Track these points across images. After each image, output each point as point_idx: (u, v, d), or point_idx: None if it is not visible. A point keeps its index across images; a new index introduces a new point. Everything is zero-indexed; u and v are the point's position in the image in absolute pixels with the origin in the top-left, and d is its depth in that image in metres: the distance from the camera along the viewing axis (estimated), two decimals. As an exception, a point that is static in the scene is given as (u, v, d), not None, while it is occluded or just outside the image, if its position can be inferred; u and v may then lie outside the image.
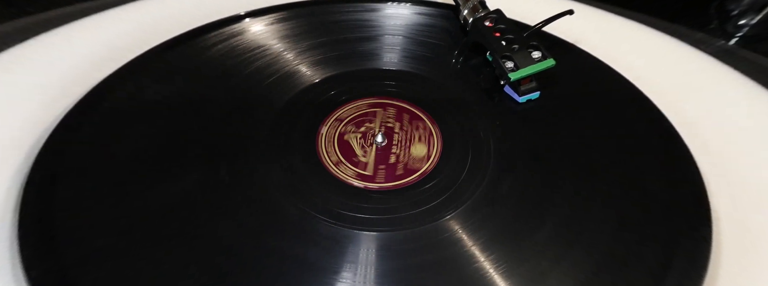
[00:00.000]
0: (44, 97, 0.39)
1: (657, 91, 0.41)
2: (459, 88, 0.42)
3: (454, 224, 0.33)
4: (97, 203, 0.32)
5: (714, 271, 0.32)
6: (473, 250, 0.31)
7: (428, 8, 0.47)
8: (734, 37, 0.51)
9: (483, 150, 0.37)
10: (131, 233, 0.31)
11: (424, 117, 0.39)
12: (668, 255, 0.31)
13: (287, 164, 0.36)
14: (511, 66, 0.39)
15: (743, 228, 0.35)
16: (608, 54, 0.44)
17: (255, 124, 0.38)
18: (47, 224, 0.31)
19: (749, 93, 0.43)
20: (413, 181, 0.35)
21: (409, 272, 0.31)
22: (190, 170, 0.35)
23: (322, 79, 0.41)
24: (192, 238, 0.31)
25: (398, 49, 0.44)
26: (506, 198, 0.34)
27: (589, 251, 0.32)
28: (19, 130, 0.37)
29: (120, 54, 0.41)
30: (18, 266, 0.29)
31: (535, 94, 0.40)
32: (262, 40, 0.44)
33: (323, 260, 0.31)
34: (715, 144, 0.39)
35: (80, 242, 0.31)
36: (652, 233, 0.33)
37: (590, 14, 0.50)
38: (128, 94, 0.39)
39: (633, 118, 0.40)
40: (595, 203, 0.34)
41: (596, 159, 0.37)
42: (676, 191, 0.35)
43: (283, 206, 0.33)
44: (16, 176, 0.35)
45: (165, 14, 0.47)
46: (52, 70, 0.41)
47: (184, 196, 0.33)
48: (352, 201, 0.34)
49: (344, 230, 0.32)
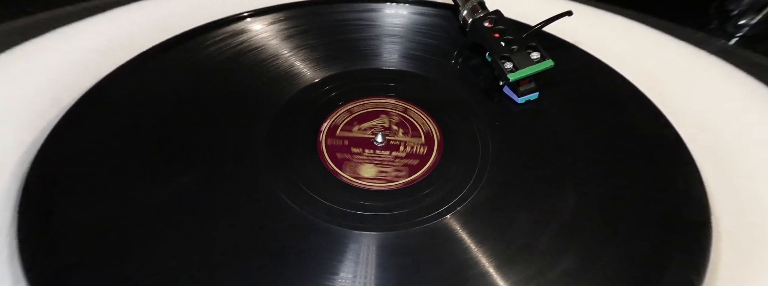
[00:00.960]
0: (44, 96, 0.39)
1: (657, 91, 0.41)
2: (459, 89, 0.42)
3: (454, 224, 0.33)
4: (96, 202, 0.33)
5: (714, 271, 0.32)
6: (472, 250, 0.31)
7: (428, 8, 0.47)
8: (734, 37, 0.51)
9: (483, 150, 0.37)
10: (131, 233, 0.31)
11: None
12: (668, 255, 0.31)
13: (287, 164, 0.36)
14: (510, 67, 0.39)
15: (743, 228, 0.35)
16: (608, 54, 0.44)
17: (255, 124, 0.38)
18: (47, 224, 0.31)
19: (750, 92, 0.43)
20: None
21: (408, 271, 0.31)
22: (190, 169, 0.35)
23: (322, 79, 0.41)
24: (192, 237, 0.31)
25: (398, 49, 0.44)
26: (505, 198, 0.34)
27: (588, 251, 0.32)
28: (19, 129, 0.37)
29: (120, 54, 0.41)
30: (18, 266, 0.30)
31: (534, 95, 0.40)
32: (262, 39, 0.44)
33: (323, 260, 0.31)
34: (715, 144, 0.40)
35: (80, 242, 0.31)
36: (652, 233, 0.33)
37: (590, 14, 0.50)
38: (128, 93, 0.39)
39: (633, 118, 0.40)
40: (595, 203, 0.34)
41: (596, 159, 0.37)
42: (676, 191, 0.35)
43: (283, 205, 0.33)
44: (16, 176, 0.35)
45: (165, 14, 0.47)
46: (52, 70, 0.41)
47: (183, 196, 0.33)
48: (352, 201, 0.34)
49: (344, 229, 0.32)
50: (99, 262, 0.30)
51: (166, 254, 0.31)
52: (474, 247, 0.32)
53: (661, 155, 0.37)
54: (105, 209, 0.32)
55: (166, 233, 0.32)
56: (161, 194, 0.33)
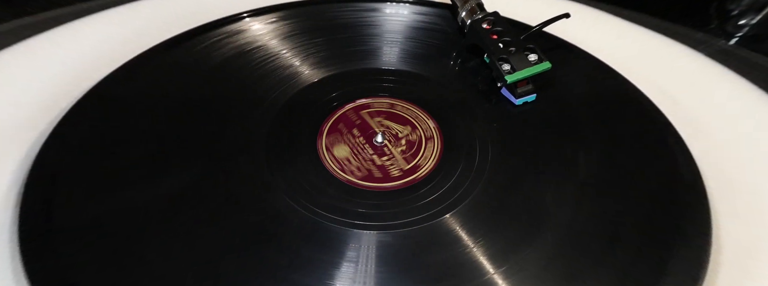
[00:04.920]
0: (44, 96, 0.40)
1: (657, 92, 0.41)
2: (458, 89, 0.42)
3: (453, 224, 0.33)
4: (97, 202, 0.33)
5: (714, 271, 0.32)
6: (472, 250, 0.32)
7: (428, 8, 0.47)
8: (734, 37, 0.51)
9: (482, 150, 0.37)
10: (131, 233, 0.31)
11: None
12: (668, 256, 0.31)
13: (287, 164, 0.36)
14: (508, 68, 0.39)
15: (743, 229, 0.35)
16: (608, 54, 0.44)
17: (255, 124, 0.38)
18: (47, 224, 0.31)
19: (748, 94, 0.43)
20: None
21: (408, 271, 0.31)
22: (190, 169, 0.35)
23: (322, 79, 0.41)
24: (192, 237, 0.32)
25: (398, 49, 0.44)
26: (504, 198, 0.34)
27: (587, 251, 0.32)
28: (19, 129, 0.37)
29: (119, 54, 0.41)
30: (18, 266, 0.30)
31: (531, 96, 0.40)
32: (261, 39, 0.44)
33: (323, 260, 0.31)
34: (715, 144, 0.40)
35: (80, 242, 0.31)
36: (652, 233, 0.33)
37: (590, 14, 0.50)
38: (128, 93, 0.39)
39: (633, 119, 0.40)
40: (594, 204, 0.34)
41: (595, 159, 0.37)
42: (675, 192, 0.35)
43: (283, 205, 0.33)
44: (16, 176, 0.35)
45: (165, 14, 0.47)
46: (52, 70, 0.41)
47: (184, 195, 0.34)
48: (352, 200, 0.34)
49: (344, 229, 0.32)
50: (100, 261, 0.30)
51: (167, 253, 0.31)
52: (473, 247, 0.32)
53: (660, 156, 0.37)
54: (106, 209, 0.32)
55: (166, 233, 0.32)
56: (161, 194, 0.34)
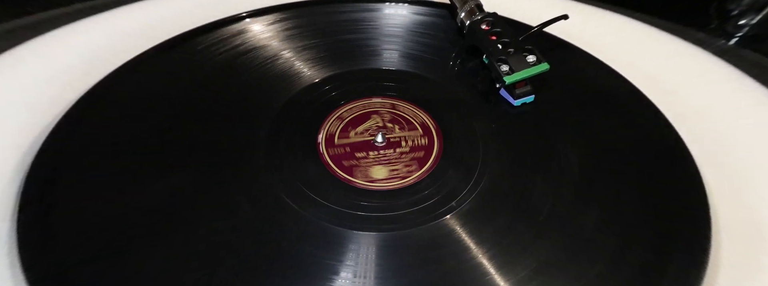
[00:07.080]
0: (44, 96, 0.40)
1: (657, 91, 0.41)
2: (457, 90, 0.42)
3: (453, 224, 0.33)
4: (96, 202, 0.33)
5: (714, 271, 0.33)
6: (472, 250, 0.32)
7: (427, 8, 0.47)
8: (734, 37, 0.51)
9: (482, 151, 0.37)
10: (131, 233, 0.32)
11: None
12: (668, 256, 0.32)
13: (287, 164, 0.36)
14: (506, 69, 0.39)
15: (743, 228, 0.35)
16: (608, 54, 0.44)
17: (255, 124, 0.38)
18: (47, 224, 0.31)
19: (750, 92, 0.43)
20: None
21: (408, 271, 0.31)
22: (190, 169, 0.35)
23: (322, 79, 0.41)
24: (192, 237, 0.32)
25: (397, 49, 0.44)
26: (504, 199, 0.34)
27: (587, 251, 0.32)
28: (19, 129, 0.38)
29: (119, 54, 0.41)
30: (18, 266, 0.30)
31: (530, 97, 0.40)
32: (261, 40, 0.44)
33: (323, 260, 0.31)
34: (715, 144, 0.40)
35: (80, 242, 0.31)
36: (652, 233, 0.33)
37: (590, 14, 0.50)
38: (128, 94, 0.39)
39: (632, 118, 0.40)
40: (594, 204, 0.34)
41: (595, 159, 0.37)
42: (675, 191, 0.35)
43: (283, 205, 0.33)
44: (16, 176, 0.35)
45: (165, 14, 0.47)
46: (52, 70, 0.41)
47: (183, 195, 0.34)
48: (352, 200, 0.34)
49: (344, 229, 0.32)
50: (99, 261, 0.30)
51: (166, 253, 0.31)
52: (473, 247, 0.32)
53: (660, 156, 0.37)
54: (105, 208, 0.32)
55: (165, 233, 0.32)
56: (161, 194, 0.34)
